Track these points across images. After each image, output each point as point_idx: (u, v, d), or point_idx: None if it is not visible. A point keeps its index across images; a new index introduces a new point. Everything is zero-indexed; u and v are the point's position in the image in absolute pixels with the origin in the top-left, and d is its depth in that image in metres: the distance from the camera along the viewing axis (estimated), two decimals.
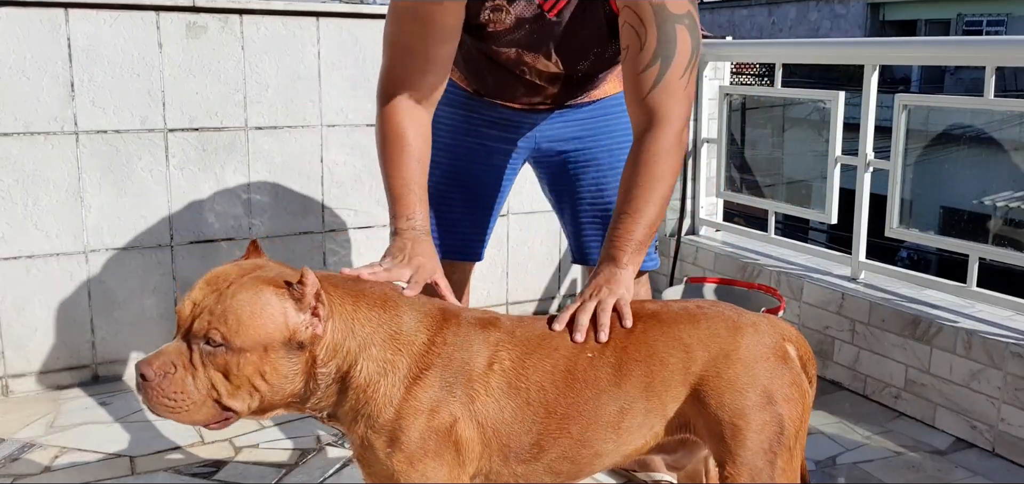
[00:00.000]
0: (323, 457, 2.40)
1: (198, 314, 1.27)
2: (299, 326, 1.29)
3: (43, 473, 2.30)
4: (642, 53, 1.63)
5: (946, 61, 3.63)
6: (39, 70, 2.70)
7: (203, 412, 1.29)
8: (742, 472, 1.42)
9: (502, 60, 1.87)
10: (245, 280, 1.29)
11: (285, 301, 1.28)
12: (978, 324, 2.62)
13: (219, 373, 1.27)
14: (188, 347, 1.28)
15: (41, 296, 2.81)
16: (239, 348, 1.26)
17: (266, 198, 3.09)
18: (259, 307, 1.27)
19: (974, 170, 11.07)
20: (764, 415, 1.43)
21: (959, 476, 2.39)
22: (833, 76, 14.40)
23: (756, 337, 1.48)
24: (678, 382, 1.45)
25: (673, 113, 1.65)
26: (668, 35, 1.62)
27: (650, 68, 1.63)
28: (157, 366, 1.26)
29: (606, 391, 1.43)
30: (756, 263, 3.34)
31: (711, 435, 1.46)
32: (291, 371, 1.31)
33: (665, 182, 1.66)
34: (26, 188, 2.74)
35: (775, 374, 1.46)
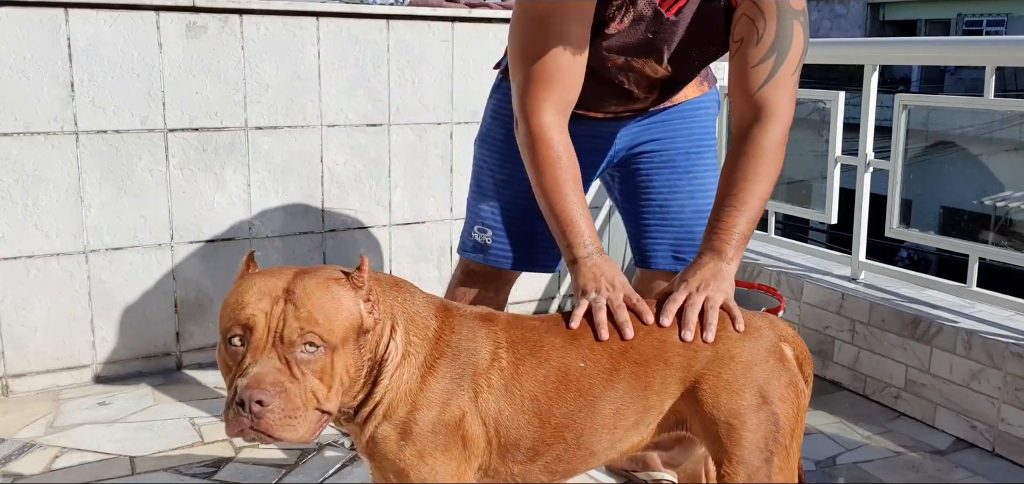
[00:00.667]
0: (323, 457, 2.40)
1: (280, 325, 1.23)
2: (364, 316, 1.30)
3: (43, 473, 2.30)
4: (758, 46, 1.61)
5: (946, 61, 3.63)
6: (39, 70, 2.70)
7: (310, 422, 1.25)
8: (739, 471, 1.43)
9: (607, 67, 1.81)
10: (308, 281, 1.28)
11: (351, 291, 1.29)
12: (978, 324, 2.62)
13: (317, 377, 1.25)
14: (281, 360, 1.24)
15: (41, 296, 2.81)
16: (334, 345, 1.26)
17: (266, 198, 3.09)
18: (337, 301, 1.27)
19: (974, 170, 11.07)
20: (760, 415, 1.44)
21: (959, 476, 2.39)
22: (833, 76, 14.40)
23: (754, 338, 1.49)
24: (676, 382, 1.46)
25: (783, 109, 1.63)
26: (785, 30, 1.60)
27: (764, 62, 1.61)
28: (272, 388, 1.20)
29: (602, 394, 1.44)
30: (756, 263, 3.33)
31: (707, 434, 1.46)
32: (363, 359, 1.32)
33: (770, 178, 1.63)
34: (26, 188, 2.74)
35: (772, 375, 1.46)
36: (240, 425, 1.21)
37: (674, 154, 2.03)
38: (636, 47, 1.75)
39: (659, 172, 2.03)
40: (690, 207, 2.02)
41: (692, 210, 2.01)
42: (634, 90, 1.87)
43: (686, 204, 2.02)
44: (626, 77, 1.84)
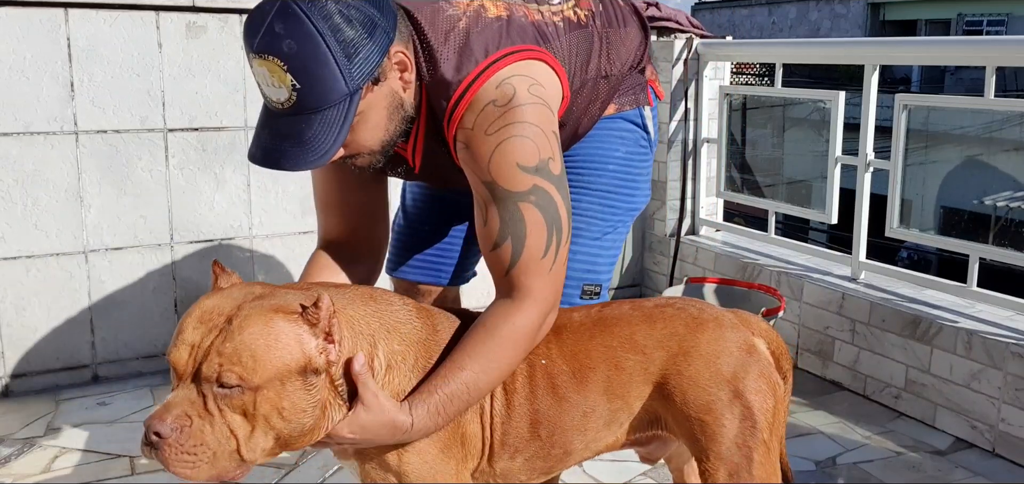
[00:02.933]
0: (323, 457, 2.40)
1: (203, 357, 1.17)
2: (313, 355, 1.20)
3: (43, 473, 2.30)
4: (486, 229, 1.44)
5: (946, 61, 3.63)
6: (39, 70, 2.70)
7: (222, 463, 1.18)
8: (719, 468, 1.42)
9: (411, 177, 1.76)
10: (250, 310, 1.19)
11: (298, 327, 1.20)
12: (978, 324, 2.62)
13: (238, 415, 1.17)
14: (198, 394, 1.17)
15: (41, 296, 2.81)
16: (257, 386, 1.16)
17: (266, 198, 3.09)
18: (272, 338, 1.17)
19: (974, 170, 11.07)
20: (733, 409, 1.43)
21: (959, 476, 2.39)
22: (833, 76, 14.40)
23: (718, 332, 1.47)
24: (639, 382, 1.45)
25: (537, 297, 1.43)
26: (511, 214, 1.42)
27: (499, 248, 1.44)
28: (171, 420, 1.14)
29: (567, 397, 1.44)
30: (756, 263, 3.33)
31: (682, 432, 1.46)
32: (309, 402, 1.22)
33: (501, 366, 1.40)
34: (26, 188, 2.74)
35: (740, 367, 1.45)
36: (145, 455, 1.17)
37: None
38: (410, 179, 1.72)
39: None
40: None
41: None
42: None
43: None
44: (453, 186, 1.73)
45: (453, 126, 1.46)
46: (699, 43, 3.71)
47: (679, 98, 3.71)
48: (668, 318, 1.48)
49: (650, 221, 3.90)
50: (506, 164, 1.43)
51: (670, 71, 3.68)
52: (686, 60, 3.68)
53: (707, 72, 3.72)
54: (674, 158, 3.75)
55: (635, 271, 3.97)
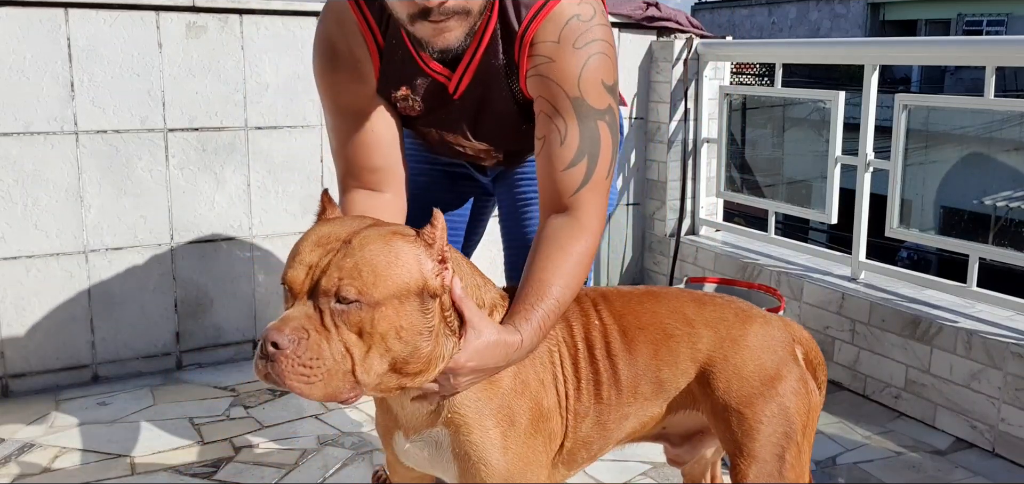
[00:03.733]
0: (323, 457, 2.40)
1: (321, 274, 1.16)
2: (429, 275, 1.21)
3: (43, 473, 2.30)
4: (563, 148, 1.46)
5: (946, 61, 3.63)
6: (39, 70, 2.70)
7: (336, 381, 1.16)
8: (751, 465, 1.43)
9: (430, 141, 1.74)
10: (369, 232, 1.20)
11: (417, 247, 1.21)
12: (978, 324, 2.62)
13: (354, 334, 1.16)
14: (315, 309, 1.16)
15: (41, 296, 2.81)
16: (376, 302, 1.15)
17: (266, 198, 3.09)
18: (393, 256, 1.18)
19: (974, 170, 11.07)
20: (771, 407, 1.44)
21: (959, 476, 2.39)
22: (833, 76, 14.40)
23: (765, 329, 1.49)
24: (685, 357, 1.46)
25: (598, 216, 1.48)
26: (591, 132, 1.46)
27: (575, 166, 1.46)
28: (289, 332, 1.13)
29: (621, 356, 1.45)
30: (756, 263, 3.33)
31: (719, 422, 1.46)
32: (425, 325, 1.21)
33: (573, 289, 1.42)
34: (26, 188, 2.74)
35: (783, 367, 1.46)
36: (260, 369, 1.15)
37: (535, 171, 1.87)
38: (440, 123, 1.66)
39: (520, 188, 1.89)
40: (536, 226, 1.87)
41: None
42: (466, 152, 1.77)
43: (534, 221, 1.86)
44: (453, 148, 1.73)
45: (527, 40, 1.47)
46: (699, 43, 3.71)
47: (679, 98, 3.71)
48: (718, 304, 1.51)
49: (650, 221, 3.90)
50: (594, 80, 1.45)
51: (670, 71, 3.68)
52: (686, 60, 3.68)
53: (707, 72, 3.72)
54: (674, 158, 3.75)
55: (635, 271, 3.97)
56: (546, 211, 1.50)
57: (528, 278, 1.40)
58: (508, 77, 1.54)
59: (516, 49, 1.49)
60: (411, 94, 1.59)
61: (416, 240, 1.22)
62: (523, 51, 1.49)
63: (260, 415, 2.66)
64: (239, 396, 2.81)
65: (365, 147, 1.60)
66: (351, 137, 1.61)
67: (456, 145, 1.72)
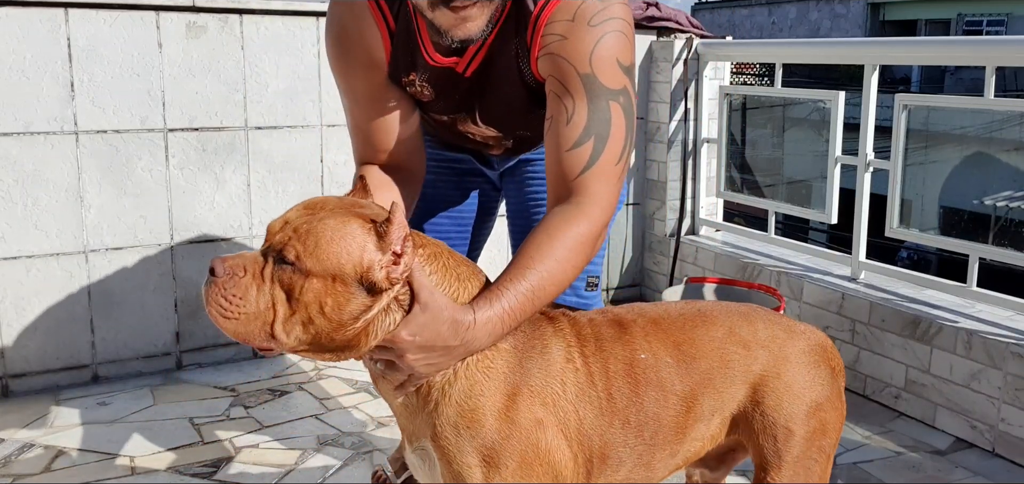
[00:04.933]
0: (323, 457, 2.40)
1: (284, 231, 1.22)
2: (374, 264, 1.20)
3: (43, 473, 2.30)
4: (569, 127, 1.41)
5: (946, 61, 3.63)
6: (39, 70, 2.70)
7: (252, 327, 1.20)
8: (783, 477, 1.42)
9: (438, 125, 1.73)
10: (338, 208, 1.24)
11: (368, 236, 1.21)
12: (978, 324, 2.62)
13: (283, 292, 1.20)
14: (264, 259, 1.22)
15: (41, 296, 2.81)
16: (308, 270, 1.19)
17: (266, 198, 3.09)
18: (339, 235, 1.20)
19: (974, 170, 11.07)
20: (813, 422, 1.43)
21: (959, 476, 2.39)
22: (833, 76, 14.40)
23: (809, 343, 1.47)
24: (740, 379, 1.43)
25: (603, 202, 1.41)
26: (601, 112, 1.40)
27: (580, 146, 1.40)
28: (228, 265, 1.20)
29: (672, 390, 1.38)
30: (756, 263, 3.33)
31: (763, 436, 1.43)
32: (352, 311, 1.20)
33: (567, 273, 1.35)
34: (26, 188, 2.74)
35: (825, 382, 1.46)
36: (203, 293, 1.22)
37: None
38: (449, 107, 1.64)
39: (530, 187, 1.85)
40: None
41: None
42: (475, 137, 1.72)
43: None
44: (461, 133, 1.71)
45: (542, 21, 1.44)
46: (699, 43, 3.71)
47: (679, 98, 3.71)
48: (768, 321, 1.47)
49: (650, 221, 3.90)
50: (608, 58, 1.41)
51: (670, 71, 3.68)
52: (686, 60, 3.68)
53: (707, 72, 3.72)
54: (674, 158, 3.75)
55: (635, 271, 3.97)
56: (552, 199, 1.45)
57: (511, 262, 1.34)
58: (519, 59, 1.51)
59: (529, 31, 1.46)
60: (419, 79, 1.58)
61: (369, 229, 1.21)
62: (537, 33, 1.46)
63: (260, 415, 2.66)
64: (239, 396, 2.81)
65: (379, 133, 1.60)
66: (366, 122, 1.61)
67: (465, 130, 1.71)
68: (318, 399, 2.78)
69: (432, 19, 1.40)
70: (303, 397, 2.80)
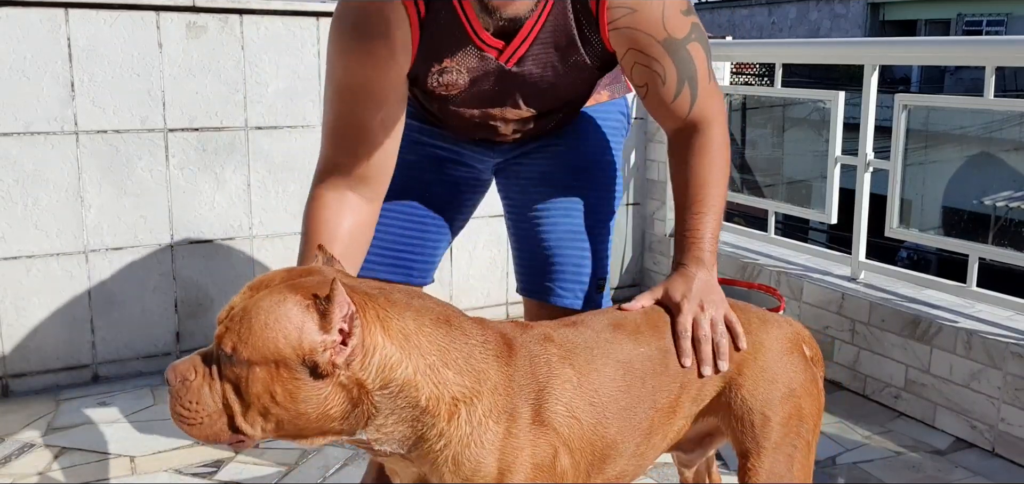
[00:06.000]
0: (323, 457, 2.40)
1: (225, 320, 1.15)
2: (316, 347, 1.11)
3: (43, 473, 2.30)
4: (666, 86, 1.54)
5: (946, 61, 3.63)
6: (39, 70, 2.70)
7: (215, 429, 1.15)
8: (763, 464, 1.43)
9: (464, 119, 1.67)
10: (277, 286, 1.15)
11: (307, 315, 1.11)
12: (978, 324, 2.62)
13: (231, 387, 1.14)
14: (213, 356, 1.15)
15: (41, 296, 2.81)
16: (246, 360, 1.11)
17: (266, 198, 3.09)
18: (274, 318, 1.11)
19: (974, 170, 11.07)
20: (788, 407, 1.45)
21: (959, 476, 2.39)
22: (833, 76, 14.40)
23: (780, 330, 1.51)
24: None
25: (715, 113, 1.59)
26: (684, 59, 1.53)
27: (680, 96, 1.55)
28: (178, 371, 1.15)
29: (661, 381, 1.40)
30: (756, 263, 3.33)
31: (740, 423, 1.45)
32: (309, 396, 1.13)
33: (725, 177, 1.58)
34: (26, 188, 2.74)
35: (798, 369, 1.48)
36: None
37: (555, 167, 1.80)
38: (486, 100, 1.61)
39: (537, 187, 1.81)
40: (562, 227, 1.79)
41: (563, 231, 1.78)
42: (499, 127, 1.70)
43: (558, 223, 1.79)
44: (488, 122, 1.68)
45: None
46: None
47: None
48: (741, 310, 1.51)
49: (650, 221, 3.90)
50: (676, 15, 1.52)
51: None
52: None
53: None
54: None
55: (635, 271, 3.97)
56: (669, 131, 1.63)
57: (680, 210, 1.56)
58: (586, 36, 1.55)
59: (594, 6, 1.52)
60: (456, 66, 1.53)
61: (308, 307, 1.12)
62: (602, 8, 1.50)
63: None
64: None
65: (365, 137, 1.51)
66: (353, 122, 1.51)
67: (497, 119, 1.67)
68: None
69: None
70: None
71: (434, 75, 1.54)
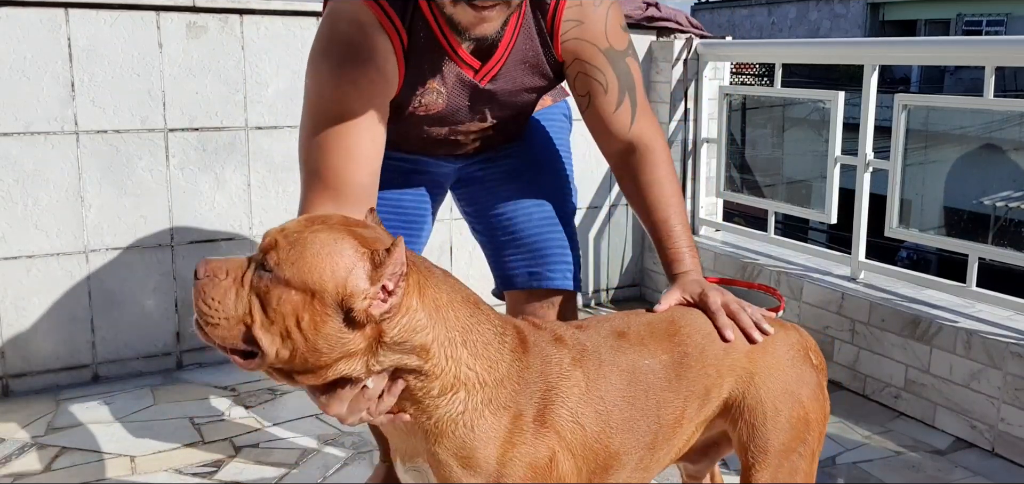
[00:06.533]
0: (323, 457, 2.40)
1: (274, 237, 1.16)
2: (358, 293, 1.12)
3: (43, 473, 2.31)
4: (607, 96, 1.65)
5: (946, 61, 3.63)
6: (39, 70, 2.70)
7: (231, 333, 1.16)
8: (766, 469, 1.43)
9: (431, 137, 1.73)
10: (338, 225, 1.17)
11: (359, 262, 1.13)
12: (978, 324, 2.62)
13: (259, 299, 1.14)
14: (248, 264, 1.16)
15: (41, 296, 2.81)
16: (285, 280, 1.12)
17: (266, 197, 3.09)
18: (327, 251, 1.13)
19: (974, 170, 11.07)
20: (794, 415, 1.44)
21: (959, 476, 2.39)
22: (833, 76, 14.41)
23: (788, 338, 1.51)
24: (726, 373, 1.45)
25: (656, 132, 1.69)
26: (623, 70, 1.65)
27: (621, 106, 1.65)
28: (210, 266, 1.17)
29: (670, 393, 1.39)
30: (756, 263, 3.34)
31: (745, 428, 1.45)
32: (331, 334, 1.13)
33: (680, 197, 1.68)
34: (26, 188, 2.74)
35: (804, 374, 1.48)
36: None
37: (516, 164, 1.88)
38: (455, 117, 1.67)
39: (503, 186, 1.88)
40: (537, 216, 1.87)
41: (539, 219, 1.87)
42: (461, 140, 1.77)
43: (533, 213, 1.86)
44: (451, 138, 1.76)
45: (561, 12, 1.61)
46: (699, 43, 3.72)
47: (679, 98, 3.71)
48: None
49: None
50: (617, 27, 1.65)
51: (670, 71, 3.69)
52: (686, 60, 3.68)
53: (707, 72, 3.72)
54: (674, 158, 3.75)
55: (635, 271, 3.97)
56: (614, 157, 1.70)
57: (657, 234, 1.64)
58: (544, 51, 1.65)
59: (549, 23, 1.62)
60: (438, 88, 1.60)
61: (363, 255, 1.14)
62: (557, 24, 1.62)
63: (260, 415, 2.66)
64: (239, 396, 2.81)
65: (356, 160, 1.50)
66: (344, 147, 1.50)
67: (460, 134, 1.74)
68: None
69: (451, 14, 1.46)
70: (303, 397, 2.80)
71: (417, 97, 1.61)
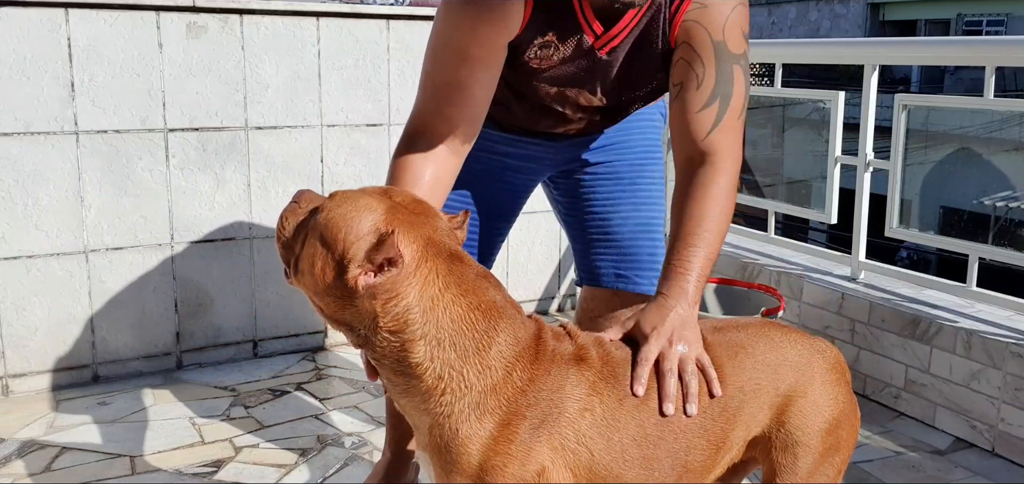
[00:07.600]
0: (323, 457, 2.40)
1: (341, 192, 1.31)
2: (353, 261, 1.20)
3: (43, 473, 2.30)
4: (699, 91, 1.54)
5: (946, 61, 3.63)
6: (39, 70, 2.70)
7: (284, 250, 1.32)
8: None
9: (539, 95, 1.72)
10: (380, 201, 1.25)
11: (368, 237, 1.20)
12: (978, 324, 2.62)
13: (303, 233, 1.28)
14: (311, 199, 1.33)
15: (41, 296, 2.81)
16: (319, 228, 1.24)
17: (266, 198, 3.09)
18: (352, 215, 1.22)
19: (974, 170, 11.07)
20: (830, 439, 1.42)
21: (959, 476, 2.39)
22: (833, 76, 14.40)
23: (825, 360, 1.46)
24: (766, 404, 1.40)
25: (732, 155, 1.56)
26: (726, 73, 1.54)
27: (708, 107, 1.54)
28: (303, 196, 1.33)
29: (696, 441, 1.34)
30: (756, 263, 3.34)
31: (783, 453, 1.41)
32: (332, 290, 1.23)
33: (725, 223, 1.53)
34: (26, 188, 2.74)
35: (844, 399, 1.45)
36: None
37: (618, 166, 1.90)
38: (569, 79, 1.66)
39: (602, 184, 1.91)
40: (633, 220, 1.89)
41: (635, 224, 1.89)
42: (568, 113, 1.77)
43: (629, 217, 1.89)
44: (559, 104, 1.74)
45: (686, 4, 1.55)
46: None
47: None
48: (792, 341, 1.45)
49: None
50: (737, 27, 1.55)
51: None
52: None
53: None
54: None
55: None
56: (681, 161, 1.58)
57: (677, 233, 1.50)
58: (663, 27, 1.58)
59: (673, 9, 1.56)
60: (555, 42, 1.59)
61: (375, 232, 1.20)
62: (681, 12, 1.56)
63: (260, 415, 2.66)
64: (239, 396, 2.81)
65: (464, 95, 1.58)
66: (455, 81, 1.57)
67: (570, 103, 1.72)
68: (318, 399, 2.78)
69: None
70: (303, 397, 2.80)
71: (536, 47, 1.60)
